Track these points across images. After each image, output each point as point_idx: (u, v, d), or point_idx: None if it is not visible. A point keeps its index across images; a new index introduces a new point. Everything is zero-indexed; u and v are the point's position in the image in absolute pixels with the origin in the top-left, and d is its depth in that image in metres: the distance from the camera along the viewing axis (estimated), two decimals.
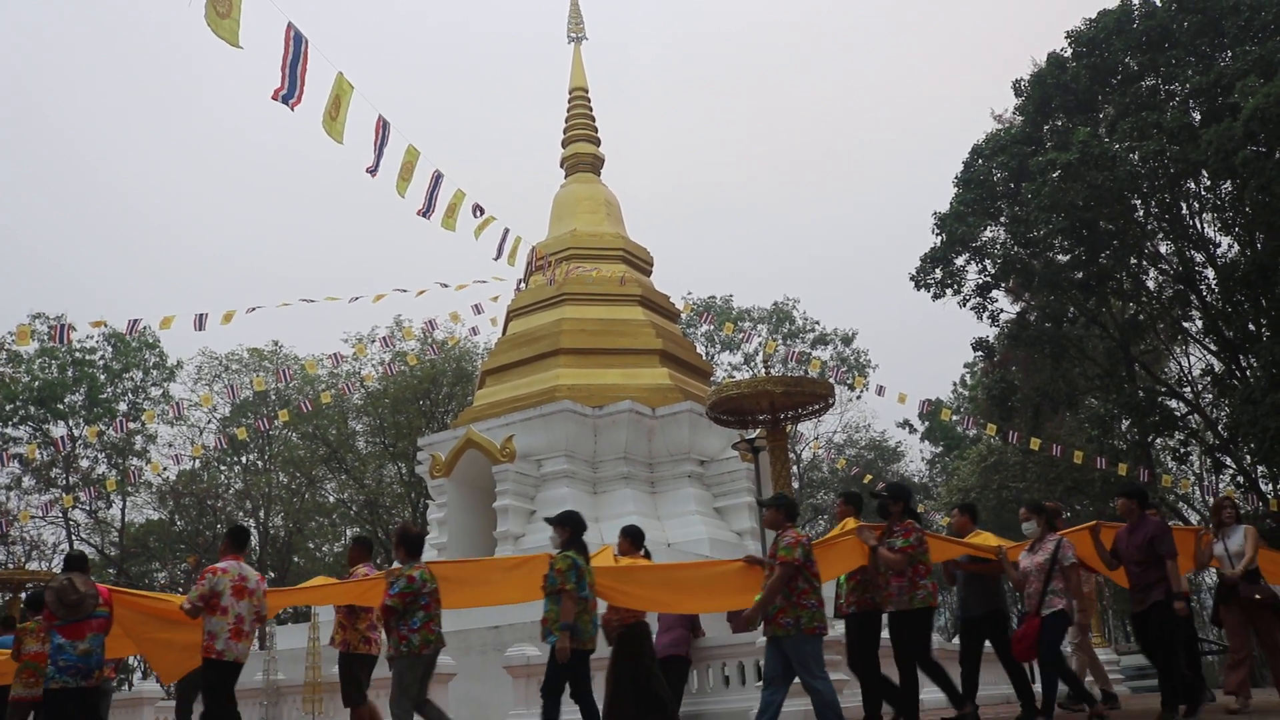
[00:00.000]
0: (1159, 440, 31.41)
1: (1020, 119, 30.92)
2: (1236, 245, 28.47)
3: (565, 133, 27.27)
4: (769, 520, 8.37)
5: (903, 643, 8.74)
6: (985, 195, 29.62)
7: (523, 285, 25.31)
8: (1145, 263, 29.91)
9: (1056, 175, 26.26)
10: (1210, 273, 28.68)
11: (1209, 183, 27.50)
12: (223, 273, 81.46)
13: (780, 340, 45.17)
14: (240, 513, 38.91)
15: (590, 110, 27.42)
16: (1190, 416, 30.94)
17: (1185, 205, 28.53)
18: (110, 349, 41.80)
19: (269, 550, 39.98)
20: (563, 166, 27.10)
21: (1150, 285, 30.90)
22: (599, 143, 27.18)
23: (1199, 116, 26.73)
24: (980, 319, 30.94)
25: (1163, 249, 29.86)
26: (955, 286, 30.49)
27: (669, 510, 21.45)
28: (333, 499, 43.01)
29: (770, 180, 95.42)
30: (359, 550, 10.30)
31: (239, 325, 45.25)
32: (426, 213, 13.37)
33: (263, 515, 40.06)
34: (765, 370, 17.35)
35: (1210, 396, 31.29)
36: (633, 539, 9.89)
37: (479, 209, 14.98)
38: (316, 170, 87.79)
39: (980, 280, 30.62)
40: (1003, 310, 31.54)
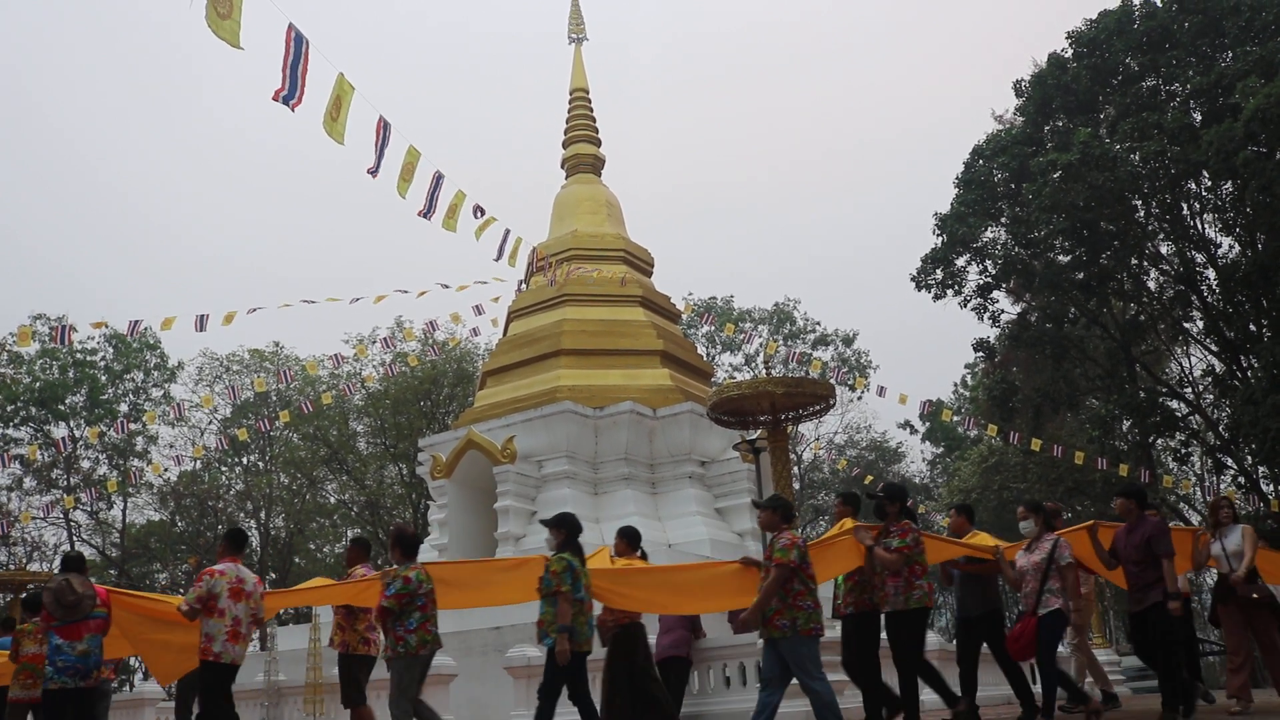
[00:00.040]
0: (1160, 441, 31.36)
1: (1021, 119, 30.94)
2: (1237, 246, 28.48)
3: (566, 133, 27.26)
4: (764, 522, 8.36)
5: (899, 643, 8.74)
6: (986, 196, 29.62)
7: (523, 286, 25.32)
8: (1146, 263, 29.89)
9: (1057, 176, 26.26)
10: (1211, 273, 28.67)
11: (1210, 183, 27.49)
12: (223, 273, 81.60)
13: (781, 341, 45.15)
14: (241, 514, 38.92)
15: (591, 111, 27.41)
16: (1191, 417, 30.92)
17: (1186, 206, 28.52)
18: (111, 350, 41.78)
19: (270, 551, 39.99)
20: (563, 167, 27.09)
21: (1151, 286, 30.88)
22: (599, 143, 27.17)
23: (1200, 117, 26.72)
24: (981, 320, 31.05)
25: (1164, 250, 29.85)
26: (956, 287, 30.50)
27: (670, 511, 21.45)
28: (334, 500, 43.01)
29: (770, 180, 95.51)
30: (357, 551, 10.28)
31: (240, 326, 45.21)
32: (427, 213, 13.41)
33: (264, 516, 40.06)
34: (766, 371, 17.35)
35: (1211, 397, 31.28)
36: (629, 540, 9.87)
37: (480, 210, 15.01)
38: (317, 170, 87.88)
39: (981, 281, 30.66)
40: (1003, 311, 31.62)
